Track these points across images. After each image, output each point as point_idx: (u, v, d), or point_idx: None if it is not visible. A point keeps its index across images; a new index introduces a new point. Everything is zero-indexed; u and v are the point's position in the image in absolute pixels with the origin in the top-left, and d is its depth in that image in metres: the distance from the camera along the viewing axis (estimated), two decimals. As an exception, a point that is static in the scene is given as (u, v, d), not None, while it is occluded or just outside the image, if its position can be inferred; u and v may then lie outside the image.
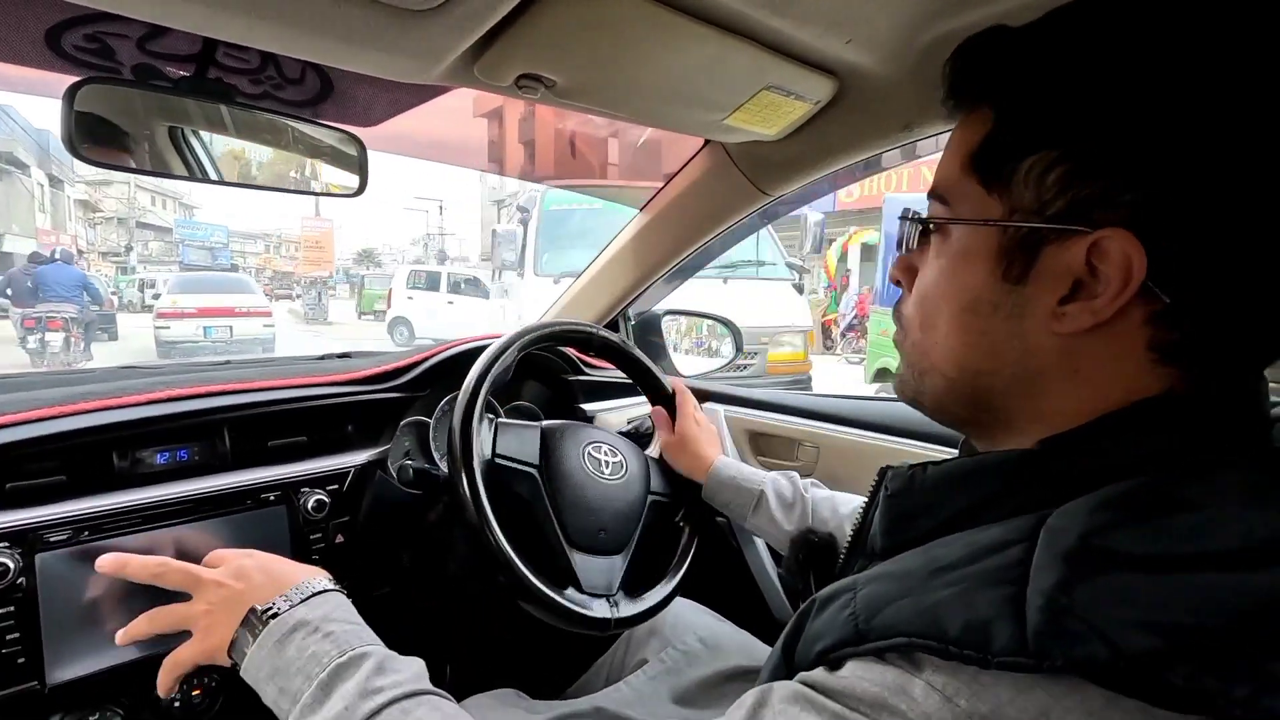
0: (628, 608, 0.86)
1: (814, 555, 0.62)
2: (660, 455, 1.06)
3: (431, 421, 1.07)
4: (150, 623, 0.62)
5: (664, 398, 1.04)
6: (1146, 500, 0.33)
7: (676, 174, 1.15)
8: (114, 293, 15.77)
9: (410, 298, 11.97)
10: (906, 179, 10.22)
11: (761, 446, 1.32)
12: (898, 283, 0.49)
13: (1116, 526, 0.31)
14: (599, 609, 0.83)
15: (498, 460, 0.85)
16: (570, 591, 0.83)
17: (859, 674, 0.34)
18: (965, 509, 0.40)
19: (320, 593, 0.61)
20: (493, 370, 0.86)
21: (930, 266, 0.44)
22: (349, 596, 0.69)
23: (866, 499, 0.53)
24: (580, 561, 0.86)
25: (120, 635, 0.62)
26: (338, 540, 0.92)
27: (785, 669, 0.40)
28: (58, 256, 8.62)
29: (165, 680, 0.62)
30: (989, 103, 0.41)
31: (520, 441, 0.89)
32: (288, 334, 12.25)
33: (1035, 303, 0.39)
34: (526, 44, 0.67)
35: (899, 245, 0.48)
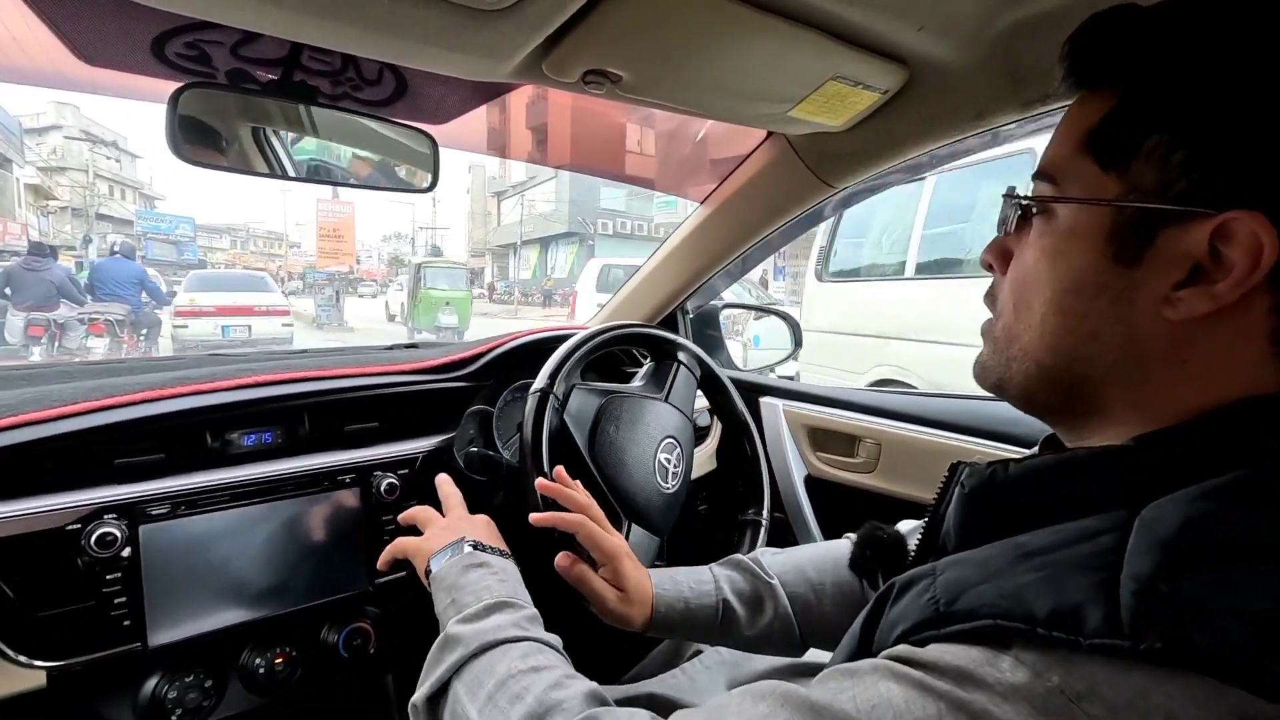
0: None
1: (882, 552, 0.61)
2: (717, 452, 1.09)
3: (495, 411, 1.10)
4: (413, 513, 0.82)
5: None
6: (1253, 491, 0.32)
7: (737, 167, 1.15)
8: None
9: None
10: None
11: (820, 442, 1.31)
12: (989, 267, 0.48)
13: (1221, 517, 0.31)
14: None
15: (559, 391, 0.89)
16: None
17: (943, 650, 0.33)
18: (1050, 508, 0.38)
19: (505, 555, 0.74)
20: (585, 348, 0.90)
21: (1031, 248, 0.43)
22: (417, 578, 0.74)
23: (938, 495, 0.52)
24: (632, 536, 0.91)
25: (403, 516, 0.84)
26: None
27: (862, 652, 0.40)
28: (117, 250, 7.83)
29: (384, 557, 0.80)
30: (1113, 82, 0.40)
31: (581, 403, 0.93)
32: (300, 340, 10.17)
33: (1146, 286, 0.38)
34: (594, 40, 0.68)
35: (1002, 226, 0.47)
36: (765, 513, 1.08)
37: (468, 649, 0.58)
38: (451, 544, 0.72)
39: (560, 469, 0.81)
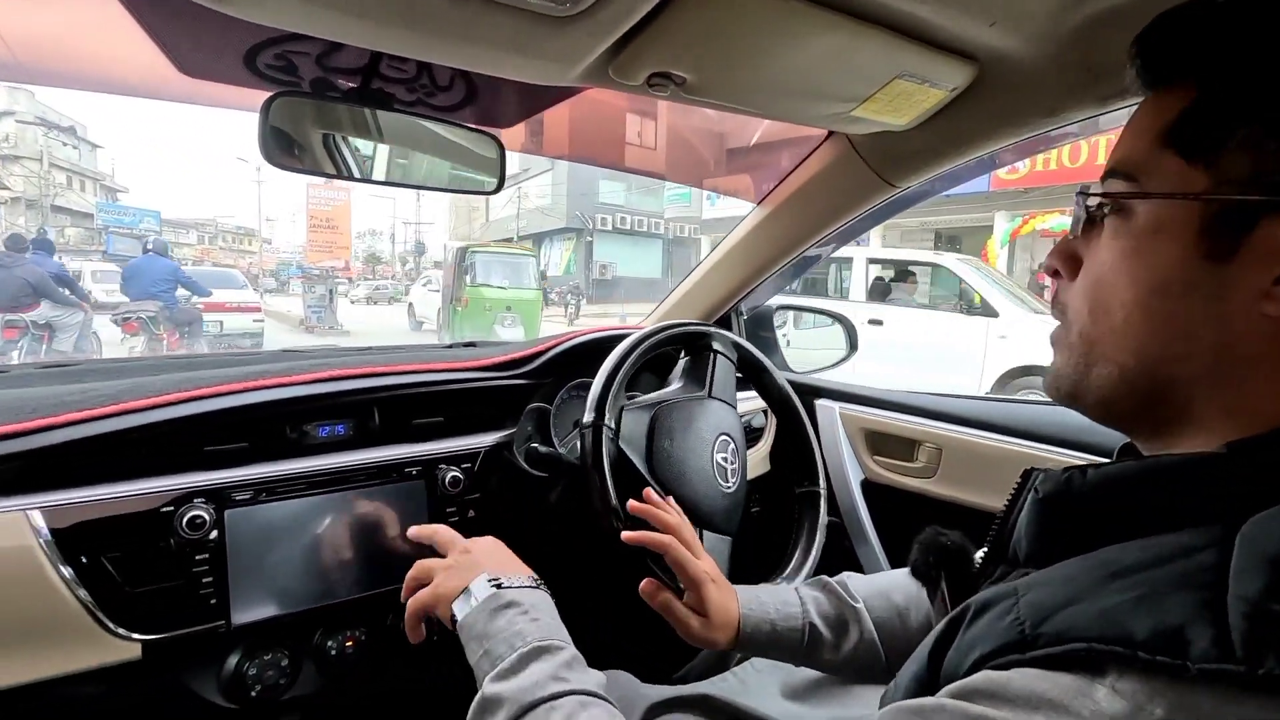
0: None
1: (946, 559, 0.60)
2: (770, 454, 1.08)
3: (553, 408, 1.12)
4: (415, 569, 0.75)
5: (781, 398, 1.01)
6: None
7: (796, 167, 1.14)
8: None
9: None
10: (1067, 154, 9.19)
11: (878, 446, 1.29)
12: (1055, 273, 0.46)
13: None
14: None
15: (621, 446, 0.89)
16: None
17: (1029, 680, 0.31)
18: (1131, 517, 0.37)
19: (535, 587, 0.69)
20: (622, 369, 0.90)
21: (1105, 249, 0.42)
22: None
23: (1008, 501, 0.50)
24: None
25: (406, 596, 0.74)
26: (470, 515, 0.99)
27: (930, 679, 0.39)
28: (150, 247, 7.44)
29: (411, 623, 0.72)
30: (1189, 76, 0.39)
31: (632, 427, 0.92)
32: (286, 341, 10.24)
33: (1243, 281, 0.36)
34: (660, 44, 0.69)
35: (1072, 228, 0.45)
36: (821, 483, 1.06)
37: (509, 713, 0.55)
38: (470, 584, 0.67)
39: (648, 491, 0.79)
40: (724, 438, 0.98)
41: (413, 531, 0.79)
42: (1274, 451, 0.35)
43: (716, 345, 1.06)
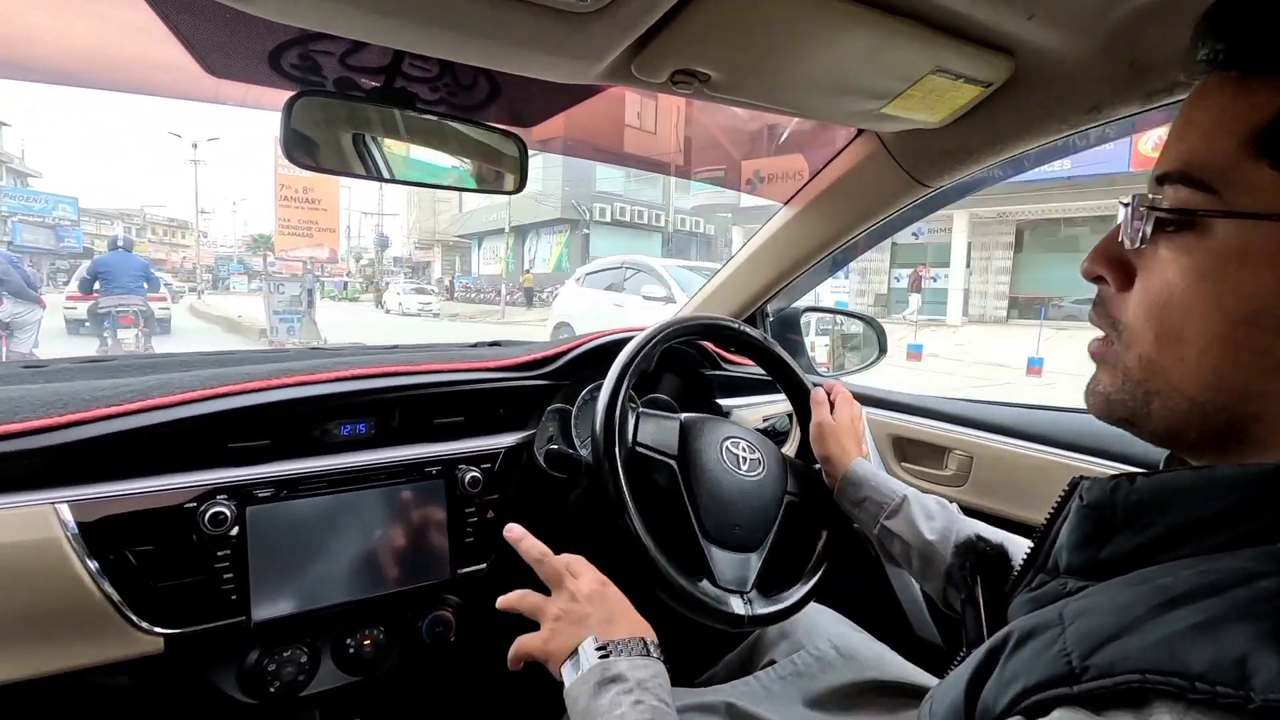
0: (762, 606, 0.86)
1: (983, 565, 0.57)
2: (797, 455, 1.05)
3: (574, 409, 1.12)
4: (519, 600, 0.72)
5: (804, 393, 1.01)
6: None
7: (825, 166, 1.12)
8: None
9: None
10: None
11: (907, 452, 1.25)
12: (1097, 279, 0.43)
13: None
14: (735, 605, 0.83)
15: (638, 449, 0.87)
16: (704, 584, 0.83)
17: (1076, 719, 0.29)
18: (1178, 528, 0.35)
19: (648, 654, 0.65)
20: (636, 360, 0.89)
21: (1173, 267, 0.37)
22: (498, 570, 0.75)
23: (1053, 509, 0.48)
24: (715, 555, 0.86)
25: (501, 601, 0.73)
26: (489, 515, 0.98)
27: (968, 711, 0.36)
28: (120, 244, 7.59)
29: (513, 662, 0.71)
30: None
31: (660, 431, 0.90)
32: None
33: None
34: (684, 40, 0.67)
35: (1120, 234, 0.40)
36: (760, 608, 0.98)
37: None
38: (576, 649, 0.65)
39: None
40: (743, 441, 0.96)
41: (509, 533, 0.77)
42: None
43: (738, 336, 1.02)
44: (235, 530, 0.80)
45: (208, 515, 0.78)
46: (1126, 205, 0.39)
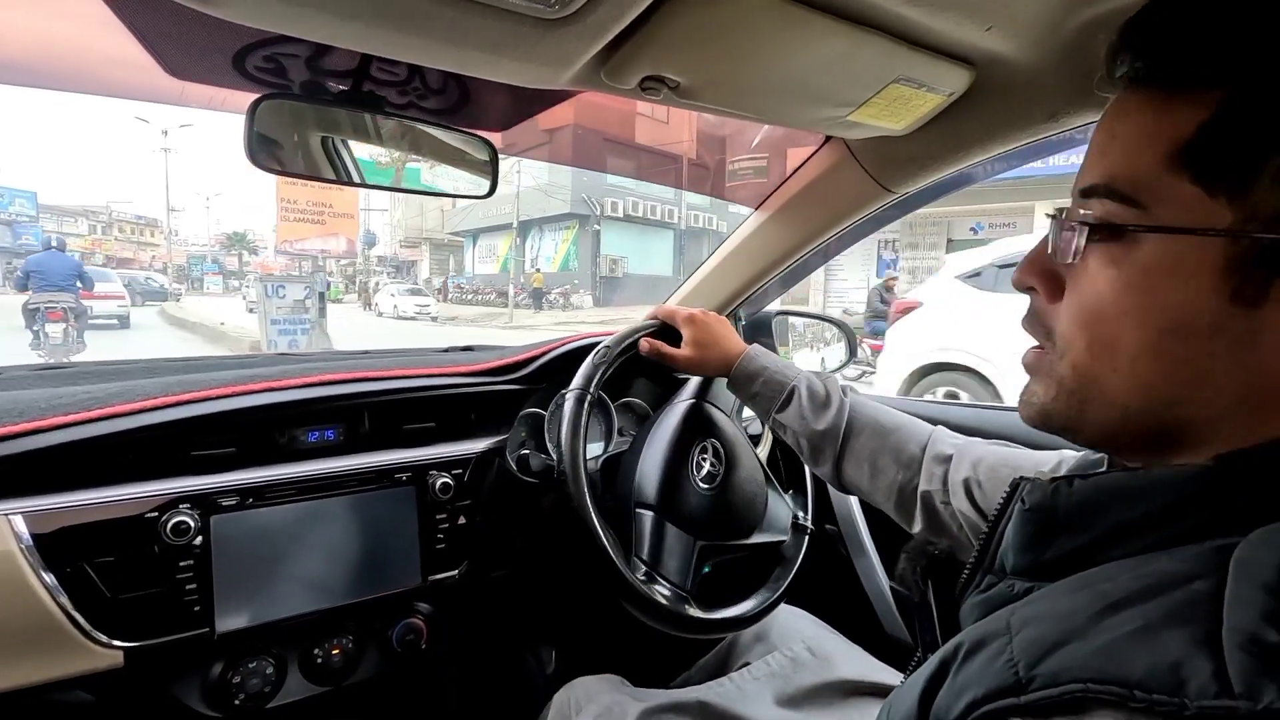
0: (807, 505, 1.03)
1: (933, 568, 0.58)
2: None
3: (547, 415, 1.11)
4: None
5: (657, 332, 0.98)
6: None
7: (794, 172, 1.13)
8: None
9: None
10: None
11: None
12: (1028, 289, 0.43)
13: None
14: (802, 527, 0.99)
15: (692, 588, 0.90)
16: (781, 550, 0.97)
17: None
18: (1117, 529, 0.36)
19: None
20: (600, 367, 0.89)
21: (1101, 278, 0.37)
22: (470, 577, 0.75)
23: (996, 511, 0.49)
24: (764, 531, 0.97)
25: None
26: (460, 522, 0.98)
27: None
28: (54, 244, 8.16)
29: None
30: (1214, 84, 0.34)
31: (677, 557, 0.92)
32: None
33: (1273, 325, 0.33)
34: (653, 47, 0.68)
35: (1049, 246, 0.41)
36: (809, 517, 1.05)
37: None
38: None
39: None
40: (694, 453, 0.97)
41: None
42: (1264, 464, 0.33)
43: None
44: (199, 540, 0.79)
45: (170, 525, 0.77)
46: (1053, 217, 0.40)
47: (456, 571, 0.97)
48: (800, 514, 1.04)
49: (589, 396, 0.87)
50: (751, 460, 1.00)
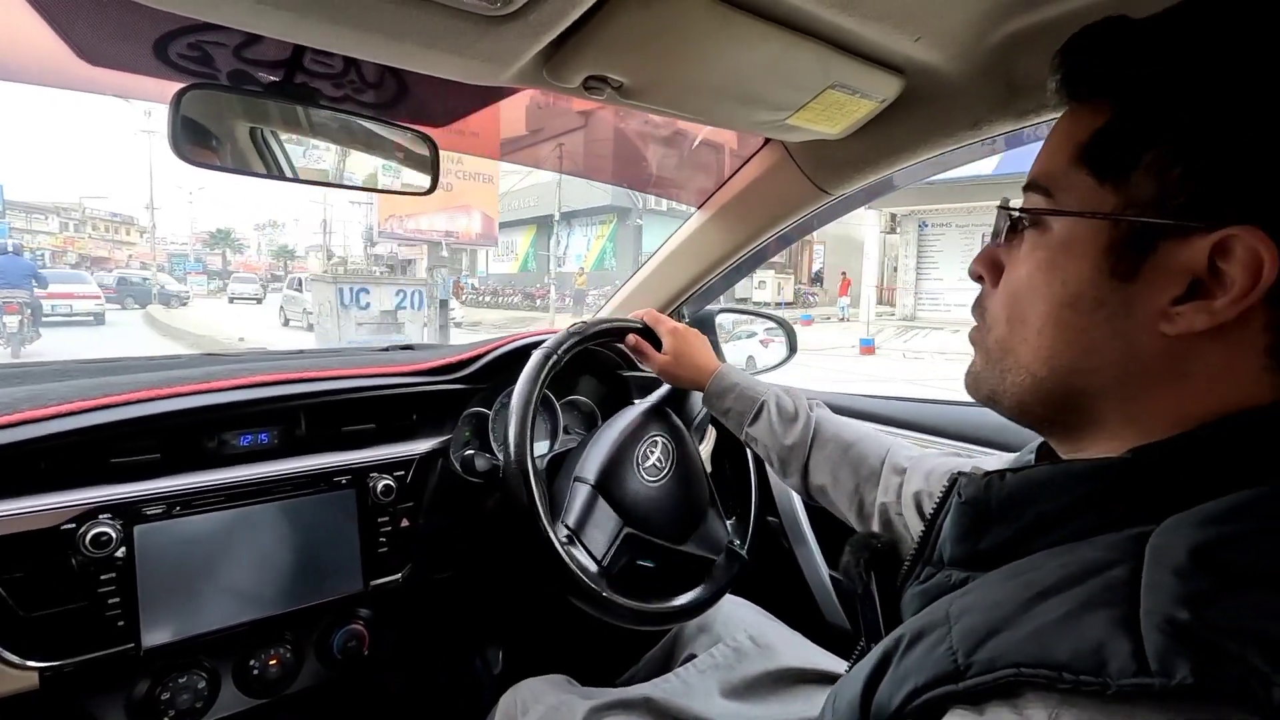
0: (743, 531, 1.02)
1: (875, 560, 0.61)
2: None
3: (491, 414, 1.10)
4: None
5: (638, 332, 1.01)
6: (1260, 514, 0.31)
7: (735, 173, 1.15)
8: None
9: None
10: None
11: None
12: (979, 278, 0.48)
13: (1231, 541, 0.30)
14: (736, 555, 0.98)
15: (606, 563, 0.88)
16: (712, 571, 0.95)
17: None
18: (1043, 519, 0.38)
19: None
20: (548, 365, 0.89)
21: (1024, 260, 0.43)
22: (413, 580, 0.73)
23: (936, 504, 0.52)
24: (696, 544, 0.96)
25: None
26: (403, 524, 0.96)
27: (864, 710, 0.38)
28: (11, 249, 10.03)
29: None
30: (1107, 94, 0.40)
31: (601, 529, 0.90)
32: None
33: (1144, 301, 0.37)
34: (595, 47, 0.68)
35: (994, 237, 0.46)
36: (745, 548, 1.02)
37: None
38: None
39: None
40: (643, 444, 0.98)
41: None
42: (1172, 456, 0.36)
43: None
44: (121, 551, 0.75)
45: (89, 536, 0.72)
46: (1001, 209, 0.46)
47: (399, 575, 0.95)
48: (736, 541, 1.03)
49: (535, 397, 0.86)
50: (699, 473, 1.01)
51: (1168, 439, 0.37)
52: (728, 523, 1.04)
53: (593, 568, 0.85)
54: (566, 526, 0.88)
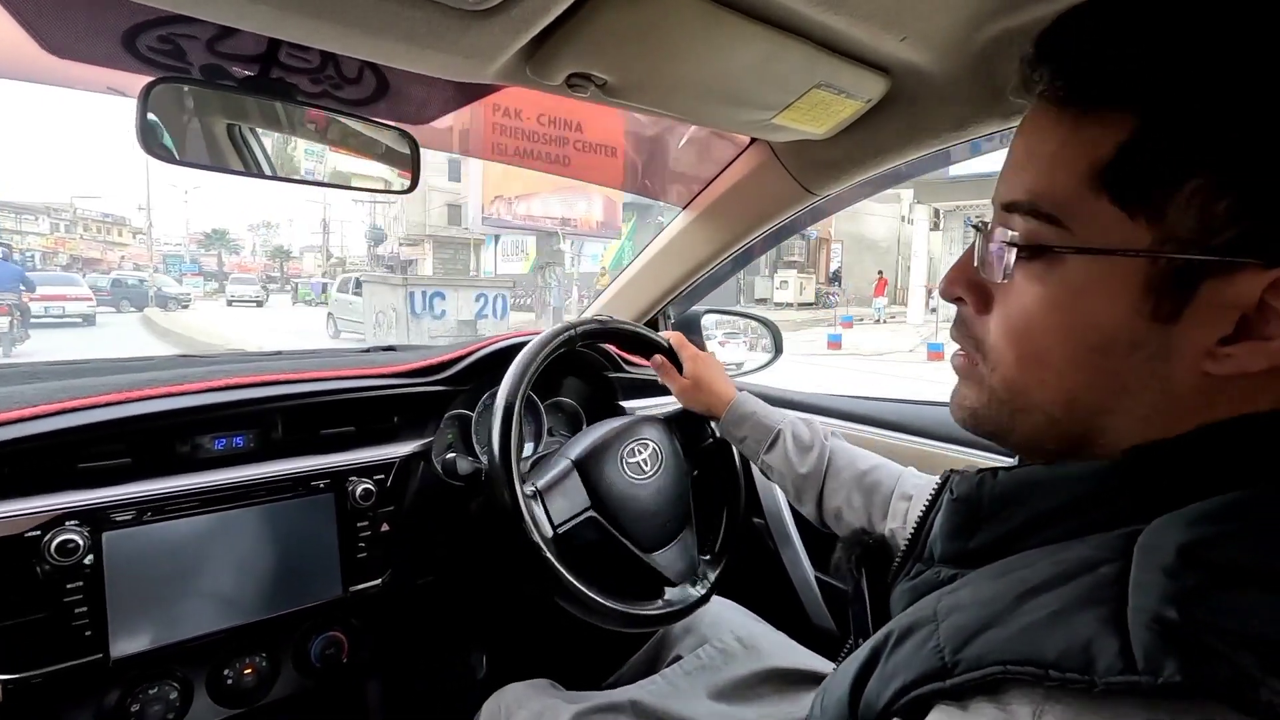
0: (713, 571, 0.95)
1: (867, 556, 0.61)
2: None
3: (474, 416, 1.09)
4: None
5: (663, 351, 1.03)
6: (1250, 514, 0.31)
7: (721, 173, 1.15)
8: None
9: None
10: None
11: (800, 448, 1.31)
12: (957, 300, 0.44)
13: (1219, 540, 0.30)
14: (694, 591, 0.91)
15: (560, 530, 0.85)
16: (667, 593, 0.89)
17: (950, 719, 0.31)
18: (1035, 518, 0.38)
19: None
20: (532, 366, 0.87)
21: (1028, 294, 0.38)
22: (394, 585, 0.72)
23: (928, 502, 0.51)
24: (661, 560, 0.91)
25: None
26: (383, 529, 0.94)
27: (852, 706, 0.38)
28: (1, 256, 10.84)
29: None
30: (1129, 104, 0.34)
31: (567, 497, 0.88)
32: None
33: (1187, 341, 0.34)
34: (578, 43, 0.67)
35: (975, 258, 0.41)
36: (707, 586, 0.95)
37: None
38: None
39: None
40: (634, 443, 0.96)
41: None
42: (1169, 457, 0.36)
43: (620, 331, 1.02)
44: (89, 559, 0.73)
45: (54, 544, 0.70)
46: (976, 229, 0.41)
47: (380, 580, 0.94)
48: (701, 586, 0.95)
49: (520, 398, 0.84)
50: (682, 494, 0.97)
51: (1163, 440, 0.36)
52: (702, 558, 0.99)
53: (547, 530, 0.83)
54: (535, 486, 0.87)
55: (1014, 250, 0.38)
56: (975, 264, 0.42)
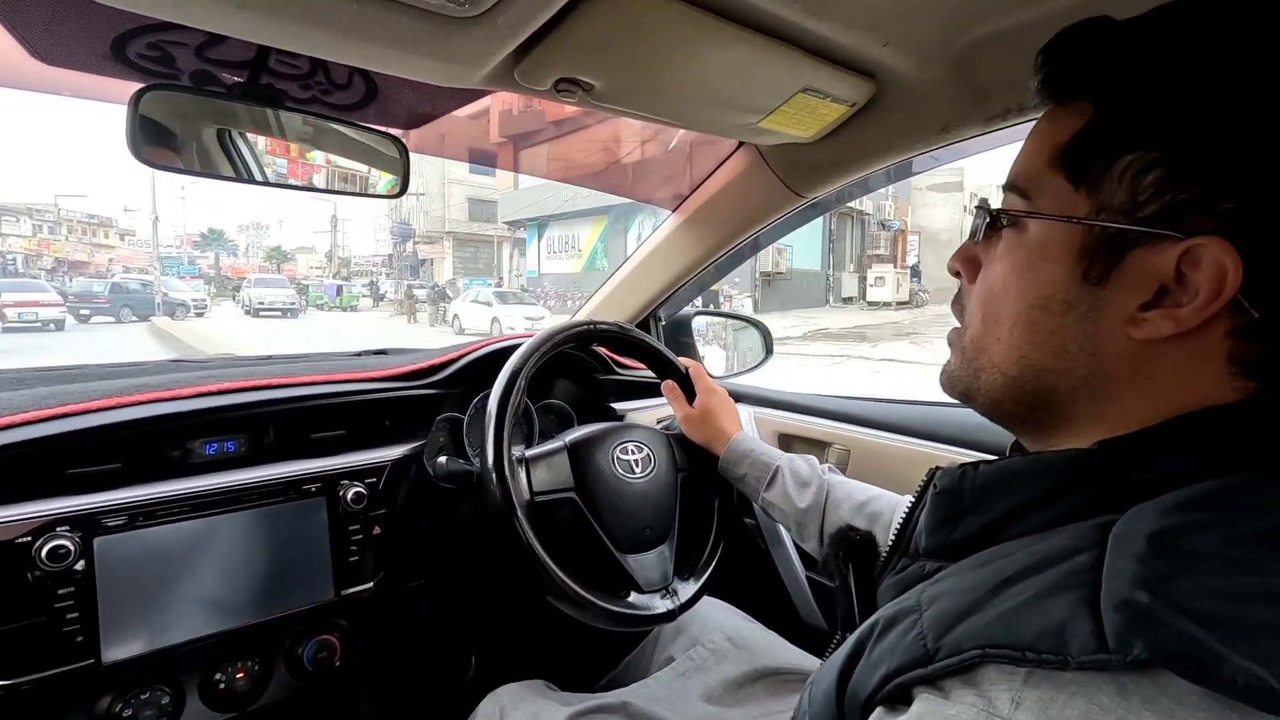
0: (685, 591, 0.91)
1: (853, 552, 0.62)
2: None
3: (465, 418, 1.09)
4: None
5: (678, 376, 1.04)
6: (1218, 503, 0.32)
7: (709, 176, 1.16)
8: None
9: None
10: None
11: (792, 447, 1.32)
12: (957, 274, 0.48)
13: (1188, 528, 0.31)
14: (660, 605, 0.87)
15: (538, 499, 0.86)
16: (632, 596, 0.86)
17: (931, 711, 0.32)
18: (1014, 509, 0.39)
19: None
20: (524, 368, 0.88)
21: (1000, 261, 0.43)
22: (386, 588, 0.72)
23: (914, 498, 0.52)
24: (634, 563, 0.89)
25: None
26: (375, 532, 0.94)
27: (839, 696, 0.39)
28: None
29: None
30: (1088, 96, 0.40)
31: (552, 471, 0.89)
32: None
33: (1113, 305, 0.38)
34: (566, 49, 0.68)
35: (972, 235, 0.47)
36: (677, 602, 0.89)
37: None
38: None
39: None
40: (630, 443, 0.97)
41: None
42: (1142, 448, 0.37)
43: (618, 335, 1.03)
44: (80, 564, 0.73)
45: (45, 550, 0.70)
46: (979, 209, 0.46)
47: (372, 583, 0.94)
48: (672, 602, 0.90)
49: (512, 400, 0.84)
50: (668, 506, 0.96)
51: (1133, 433, 0.38)
52: (677, 576, 0.94)
53: (525, 494, 0.84)
54: (523, 454, 0.88)
55: (987, 218, 0.44)
56: (972, 239, 0.47)
